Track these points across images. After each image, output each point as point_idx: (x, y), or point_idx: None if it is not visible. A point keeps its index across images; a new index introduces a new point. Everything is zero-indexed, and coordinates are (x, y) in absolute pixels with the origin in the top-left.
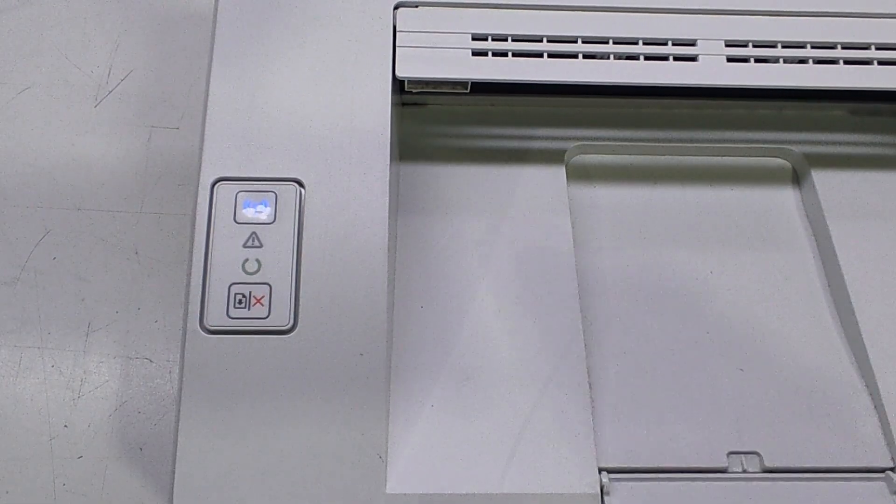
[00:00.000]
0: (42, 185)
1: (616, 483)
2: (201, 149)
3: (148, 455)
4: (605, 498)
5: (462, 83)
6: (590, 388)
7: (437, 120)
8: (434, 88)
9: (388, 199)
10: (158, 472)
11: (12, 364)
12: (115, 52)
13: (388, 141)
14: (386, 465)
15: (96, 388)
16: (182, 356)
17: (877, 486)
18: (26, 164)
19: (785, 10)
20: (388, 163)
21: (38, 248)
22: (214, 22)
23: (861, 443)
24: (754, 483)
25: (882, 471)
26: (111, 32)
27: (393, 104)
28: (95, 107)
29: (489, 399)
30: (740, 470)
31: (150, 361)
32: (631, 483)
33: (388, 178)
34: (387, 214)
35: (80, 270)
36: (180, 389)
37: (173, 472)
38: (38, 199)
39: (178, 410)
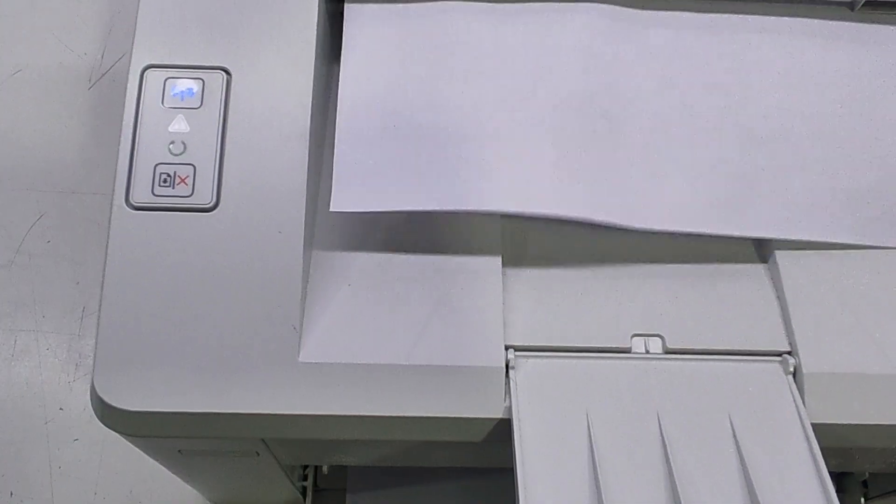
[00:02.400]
0: (36, 168)
1: (521, 359)
2: (133, 38)
3: None
4: (511, 371)
5: None
6: (503, 273)
7: None
8: None
9: (311, 87)
10: None
11: (7, 347)
12: (109, 34)
13: (315, 32)
14: (300, 336)
15: (91, 370)
16: (108, 233)
17: (773, 367)
18: (20, 147)
19: None
20: (314, 52)
21: (32, 231)
22: None
23: (761, 328)
24: (655, 363)
25: (779, 354)
26: (105, 14)
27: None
28: (89, 89)
29: (405, 280)
30: (643, 351)
31: None
32: (535, 360)
33: (312, 68)
34: (309, 102)
35: (75, 254)
36: (105, 261)
37: (97, 338)
38: (32, 182)
39: (103, 281)
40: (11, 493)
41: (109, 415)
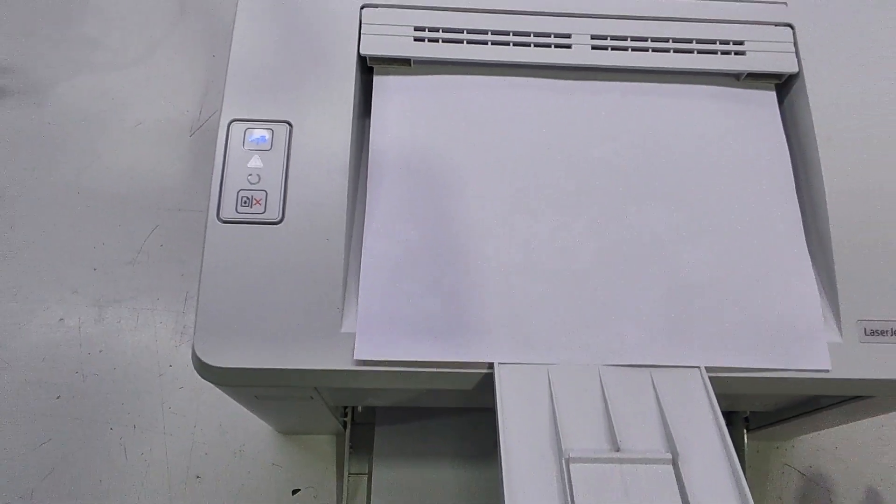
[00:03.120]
0: (153, 192)
1: (503, 366)
2: (222, 100)
3: None
4: (496, 367)
5: (406, 60)
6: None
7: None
8: (387, 63)
9: (350, 136)
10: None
11: (132, 321)
12: (205, 96)
13: (353, 96)
14: (342, 314)
15: (192, 338)
16: (204, 239)
17: (692, 373)
18: (142, 178)
19: (633, 14)
20: (352, 110)
21: (150, 238)
22: (235, 17)
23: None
24: (604, 368)
25: (696, 367)
26: (201, 82)
27: (358, 71)
28: (191, 136)
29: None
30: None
31: None
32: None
33: (351, 123)
34: (349, 146)
35: (181, 254)
36: (202, 260)
37: (196, 315)
38: (150, 202)
39: (200, 274)
40: (135, 426)
41: (205, 370)
